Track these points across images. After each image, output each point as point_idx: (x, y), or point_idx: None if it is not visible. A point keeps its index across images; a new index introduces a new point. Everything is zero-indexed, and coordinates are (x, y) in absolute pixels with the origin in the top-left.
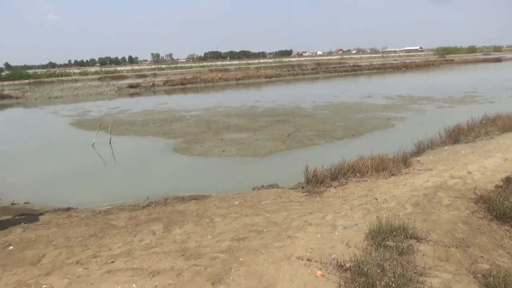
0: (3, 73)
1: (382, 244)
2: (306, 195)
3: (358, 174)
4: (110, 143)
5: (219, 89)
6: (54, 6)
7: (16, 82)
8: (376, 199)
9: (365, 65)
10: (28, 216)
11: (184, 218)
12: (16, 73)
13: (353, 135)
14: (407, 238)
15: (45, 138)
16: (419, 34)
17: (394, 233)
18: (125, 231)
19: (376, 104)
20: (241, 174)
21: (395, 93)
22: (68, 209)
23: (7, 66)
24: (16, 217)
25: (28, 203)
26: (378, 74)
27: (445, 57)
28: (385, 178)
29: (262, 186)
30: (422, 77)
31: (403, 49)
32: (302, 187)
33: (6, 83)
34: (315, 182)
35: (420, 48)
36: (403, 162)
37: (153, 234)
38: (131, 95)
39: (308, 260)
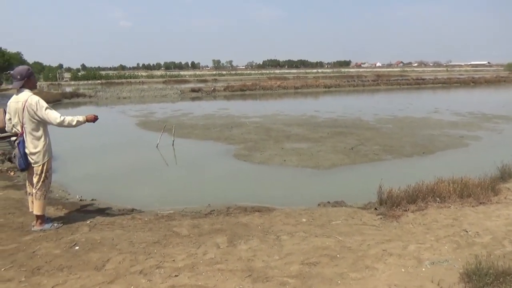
0: (79, 73)
1: None
2: (381, 218)
3: (438, 199)
4: (173, 145)
5: (278, 96)
6: (127, 13)
7: (90, 82)
8: (466, 231)
9: (429, 79)
10: (94, 214)
11: (249, 232)
12: (90, 74)
13: (423, 153)
14: None
15: (113, 136)
16: (487, 48)
17: (501, 279)
18: (188, 241)
19: (444, 121)
20: (304, 187)
21: (465, 109)
22: (132, 210)
23: (83, 67)
24: (83, 214)
25: (95, 200)
26: (444, 89)
27: None
28: (472, 207)
29: (328, 202)
30: (493, 93)
31: (469, 63)
32: (375, 208)
33: (81, 82)
34: (391, 204)
35: (488, 63)
36: (491, 188)
37: (217, 247)
38: (193, 99)
39: None
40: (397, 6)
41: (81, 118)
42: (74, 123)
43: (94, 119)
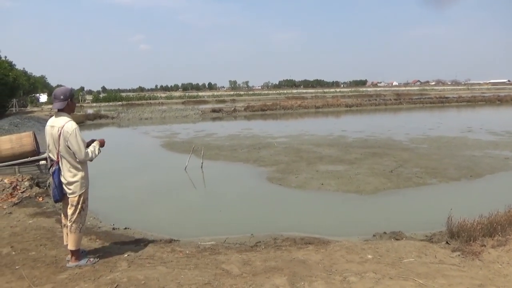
0: (100, 95)
1: None
2: (459, 255)
3: None
4: (201, 167)
5: (298, 116)
6: (147, 37)
7: (111, 103)
8: None
9: (453, 97)
10: (130, 245)
11: (310, 272)
12: (111, 95)
13: (471, 176)
14: None
15: (139, 158)
16: (506, 65)
17: None
18: (243, 282)
19: (482, 140)
20: (350, 214)
21: (500, 128)
22: (170, 241)
23: (104, 89)
24: (119, 246)
25: (129, 228)
26: (468, 107)
27: None
28: None
29: (385, 233)
30: None
31: (488, 81)
32: (447, 242)
33: (102, 104)
34: (467, 238)
35: (508, 81)
36: None
37: None
38: (214, 119)
39: None
40: (412, 26)
41: (97, 146)
42: (97, 151)
43: (103, 142)
